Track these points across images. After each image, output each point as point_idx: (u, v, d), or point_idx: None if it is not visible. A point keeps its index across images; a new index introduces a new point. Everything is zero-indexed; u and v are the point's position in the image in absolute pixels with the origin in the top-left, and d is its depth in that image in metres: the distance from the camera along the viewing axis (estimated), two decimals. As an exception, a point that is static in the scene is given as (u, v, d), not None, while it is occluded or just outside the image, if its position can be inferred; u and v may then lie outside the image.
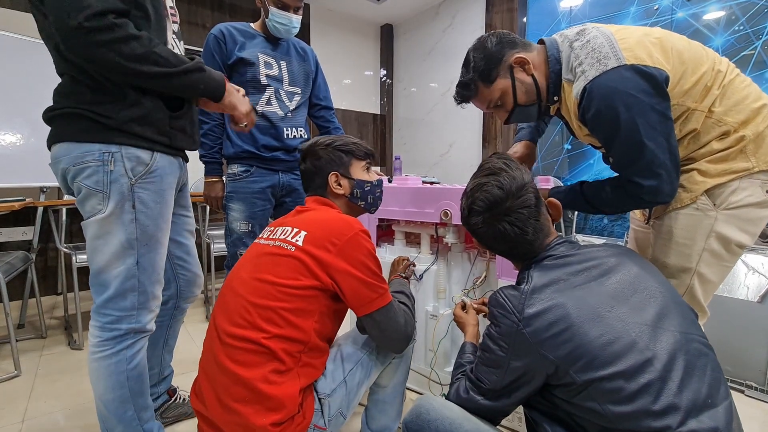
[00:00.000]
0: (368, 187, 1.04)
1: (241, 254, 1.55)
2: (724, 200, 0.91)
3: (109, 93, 0.86)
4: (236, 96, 1.03)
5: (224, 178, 1.63)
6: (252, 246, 0.96)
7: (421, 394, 1.47)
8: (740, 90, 0.91)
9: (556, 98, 1.02)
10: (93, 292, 0.94)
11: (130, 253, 0.92)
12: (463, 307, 1.10)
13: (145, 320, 0.96)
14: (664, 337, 0.66)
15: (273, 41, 1.60)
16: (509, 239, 0.79)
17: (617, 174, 0.95)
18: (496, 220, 0.79)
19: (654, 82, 0.84)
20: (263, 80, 1.55)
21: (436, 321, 1.36)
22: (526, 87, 1.01)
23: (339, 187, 1.01)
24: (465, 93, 1.05)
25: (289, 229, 0.90)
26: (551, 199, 0.90)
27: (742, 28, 2.01)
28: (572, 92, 0.94)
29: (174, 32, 1.00)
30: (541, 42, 1.03)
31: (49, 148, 0.92)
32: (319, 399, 0.85)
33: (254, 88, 1.54)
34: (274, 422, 0.76)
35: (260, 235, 0.97)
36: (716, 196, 0.91)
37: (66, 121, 0.87)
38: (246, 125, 1.08)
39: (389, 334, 0.89)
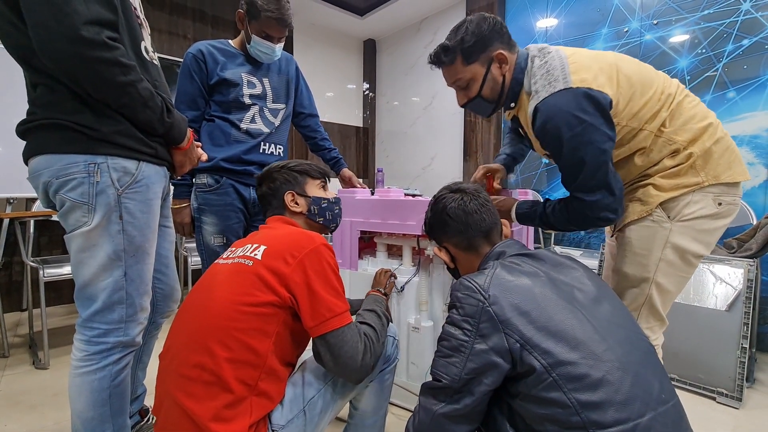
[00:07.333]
0: (325, 204, 1.04)
1: None
2: (678, 212, 0.96)
3: (88, 103, 0.84)
4: (194, 146, 1.06)
5: (192, 193, 1.52)
6: (211, 266, 0.91)
7: (402, 408, 1.45)
8: (688, 110, 0.97)
9: (513, 105, 1.07)
10: (78, 306, 0.90)
11: (118, 265, 0.89)
12: None
13: (133, 333, 0.94)
14: (619, 331, 0.69)
15: (254, 59, 1.53)
16: (471, 211, 0.89)
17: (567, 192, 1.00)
18: (463, 194, 0.92)
19: (596, 103, 0.89)
20: (247, 101, 1.49)
21: (417, 332, 1.36)
22: (494, 84, 1.04)
23: (296, 205, 1.01)
24: (442, 58, 1.04)
25: (249, 245, 0.87)
26: (503, 219, 0.97)
27: (704, 51, 2.13)
28: (528, 108, 0.99)
29: (149, 44, 0.99)
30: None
31: (26, 162, 0.88)
32: (273, 431, 0.78)
33: (237, 108, 1.49)
34: None
35: (220, 255, 0.94)
36: (670, 209, 0.97)
37: (46, 132, 0.84)
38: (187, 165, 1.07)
39: (344, 362, 0.79)
